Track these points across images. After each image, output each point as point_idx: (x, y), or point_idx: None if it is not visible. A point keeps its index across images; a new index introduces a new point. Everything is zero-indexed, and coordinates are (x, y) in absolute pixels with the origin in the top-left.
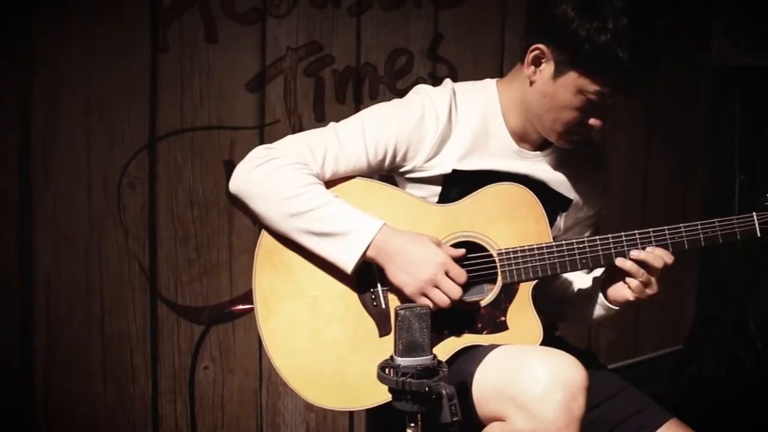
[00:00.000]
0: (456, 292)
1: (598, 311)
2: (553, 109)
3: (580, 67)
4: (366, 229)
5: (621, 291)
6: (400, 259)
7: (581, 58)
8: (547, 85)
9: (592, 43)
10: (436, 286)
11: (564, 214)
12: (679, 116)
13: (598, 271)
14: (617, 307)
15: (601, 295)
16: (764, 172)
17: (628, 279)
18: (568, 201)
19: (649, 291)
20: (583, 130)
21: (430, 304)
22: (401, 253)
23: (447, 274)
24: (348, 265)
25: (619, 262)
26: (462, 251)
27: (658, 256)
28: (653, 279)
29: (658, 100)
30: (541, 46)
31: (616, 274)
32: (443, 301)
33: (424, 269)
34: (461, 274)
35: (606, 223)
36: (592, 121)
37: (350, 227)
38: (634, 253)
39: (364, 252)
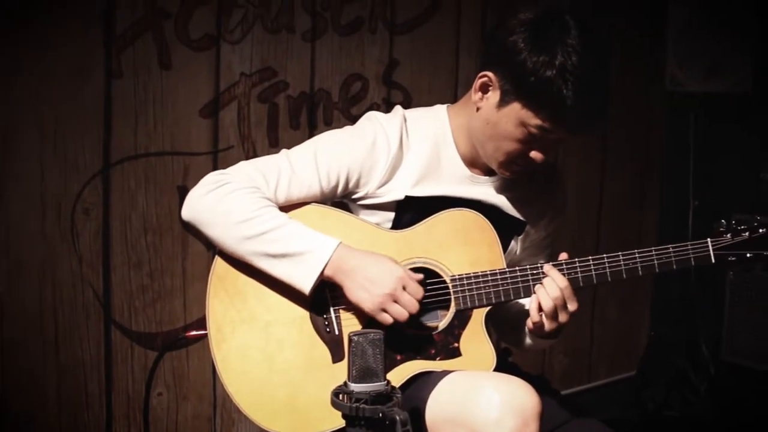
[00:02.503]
0: (414, 306)
1: (526, 340)
2: (494, 138)
3: (523, 99)
4: (322, 248)
5: (538, 327)
6: (358, 275)
7: (525, 91)
8: (491, 114)
9: (537, 77)
10: (395, 301)
11: (519, 237)
12: (633, 141)
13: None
14: (537, 337)
15: (525, 324)
16: (718, 197)
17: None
18: (523, 224)
19: (559, 319)
20: (524, 161)
21: (390, 319)
22: (359, 270)
23: (405, 288)
24: (306, 285)
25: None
26: (420, 276)
27: (552, 288)
28: (557, 309)
29: (612, 126)
30: (489, 73)
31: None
32: (402, 315)
33: (382, 284)
34: (419, 289)
35: (560, 249)
36: (534, 153)
37: (306, 247)
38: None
39: (322, 271)
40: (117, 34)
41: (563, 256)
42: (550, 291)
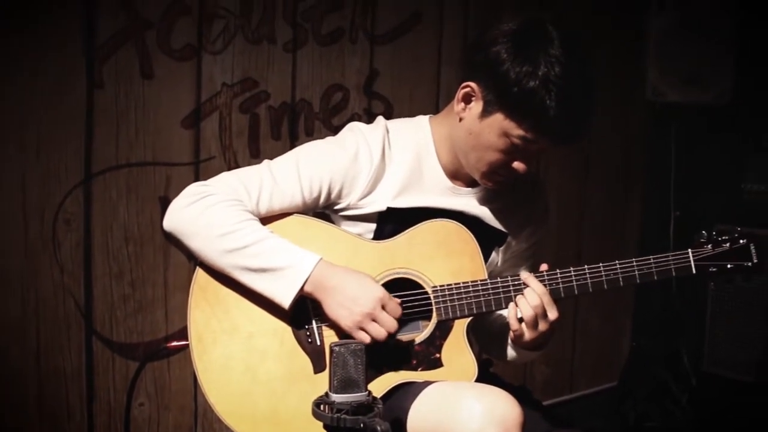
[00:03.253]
0: (392, 325)
1: (510, 352)
2: (477, 148)
3: (506, 109)
4: (303, 264)
5: (518, 337)
6: (337, 293)
7: (508, 101)
8: (474, 124)
9: (520, 88)
10: (373, 320)
11: (500, 248)
12: (615, 152)
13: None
14: (521, 347)
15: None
16: (700, 208)
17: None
18: (504, 235)
19: (540, 328)
20: (506, 172)
21: (367, 338)
22: (338, 288)
23: (383, 308)
24: (285, 300)
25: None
26: (398, 301)
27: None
28: (537, 318)
29: (593, 136)
30: (472, 84)
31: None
32: (380, 334)
33: (361, 303)
34: (397, 309)
35: (542, 260)
36: (516, 164)
37: (287, 262)
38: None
39: (302, 287)
40: (98, 44)
41: (543, 267)
42: (530, 300)
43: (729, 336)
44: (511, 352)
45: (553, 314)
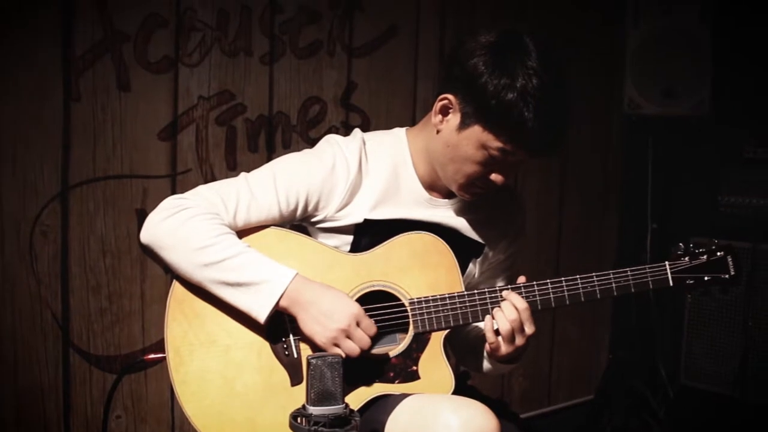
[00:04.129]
0: (366, 342)
1: (486, 365)
2: (455, 160)
3: (484, 121)
4: (279, 279)
5: (495, 350)
6: (313, 309)
7: (486, 114)
8: (452, 136)
9: (499, 100)
10: (348, 337)
11: (477, 260)
12: (592, 165)
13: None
14: (496, 360)
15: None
16: (677, 221)
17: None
18: (481, 246)
19: (516, 342)
20: (484, 184)
21: (341, 354)
22: (313, 303)
23: (358, 324)
24: (260, 315)
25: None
26: (372, 320)
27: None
28: (514, 332)
29: (571, 148)
30: (449, 96)
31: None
32: (354, 351)
33: (336, 319)
34: (372, 326)
35: (520, 272)
36: (494, 176)
37: (263, 277)
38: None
39: (277, 302)
40: (76, 56)
41: (521, 279)
42: (507, 313)
43: (706, 349)
44: (486, 365)
45: (530, 329)
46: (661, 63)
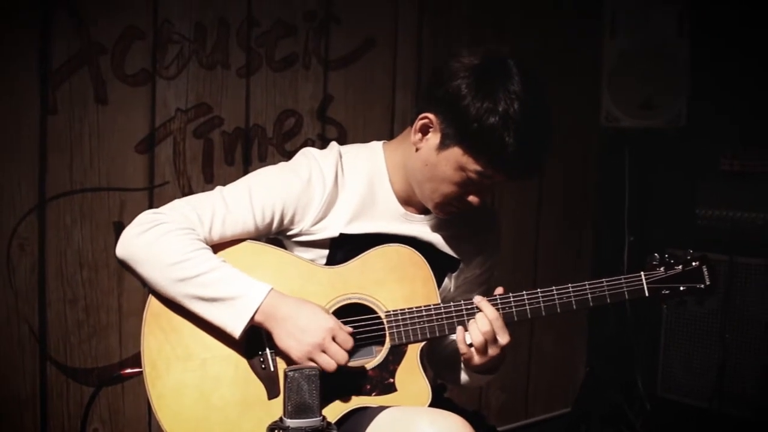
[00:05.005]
0: (342, 356)
1: (463, 376)
2: (432, 180)
3: (464, 144)
4: (253, 294)
5: (469, 361)
6: (288, 323)
7: (467, 136)
8: (431, 155)
9: (480, 123)
10: (324, 351)
11: (453, 274)
12: (569, 177)
13: None
14: (473, 372)
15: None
16: (654, 233)
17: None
18: (457, 261)
19: (490, 353)
20: (460, 203)
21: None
22: (289, 318)
23: (334, 339)
24: (235, 330)
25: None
26: (349, 329)
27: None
28: (487, 343)
29: (548, 161)
30: (430, 115)
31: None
32: (330, 365)
33: (312, 334)
34: (348, 340)
35: (496, 283)
36: (471, 197)
37: (238, 292)
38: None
39: (252, 317)
40: (52, 69)
41: (498, 290)
42: (480, 324)
43: (683, 361)
44: (464, 376)
45: (504, 339)
46: (638, 76)
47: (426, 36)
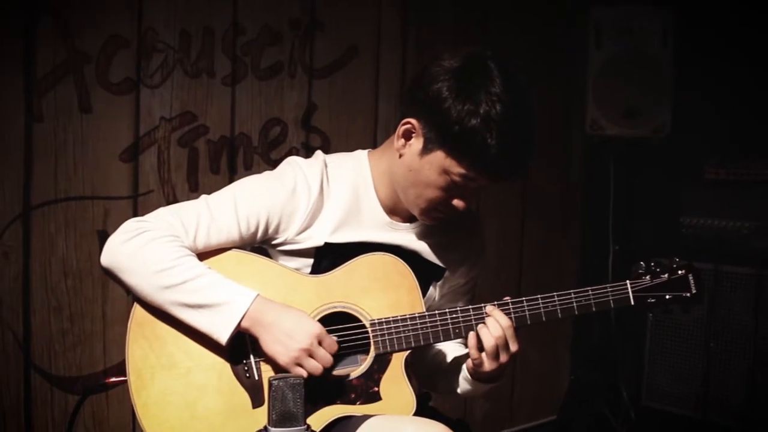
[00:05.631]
0: (328, 360)
1: (464, 385)
2: (416, 185)
3: (447, 147)
4: (240, 300)
5: (478, 365)
6: (274, 329)
7: (449, 139)
8: (414, 161)
9: (462, 126)
10: (311, 356)
11: (438, 283)
12: (553, 185)
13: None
14: (477, 380)
15: (464, 367)
16: (638, 242)
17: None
18: (442, 270)
19: (500, 359)
20: (446, 208)
21: (304, 374)
22: (275, 324)
23: (320, 344)
24: (222, 336)
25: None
26: (334, 338)
27: (495, 327)
28: (499, 349)
29: (533, 169)
30: (412, 120)
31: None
32: (316, 370)
33: (298, 339)
34: (334, 345)
35: (481, 292)
36: (456, 201)
37: (224, 298)
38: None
39: (239, 323)
40: (37, 77)
41: (507, 298)
42: (493, 330)
43: (667, 370)
44: (464, 385)
45: (514, 346)
46: (622, 84)
47: (410, 45)
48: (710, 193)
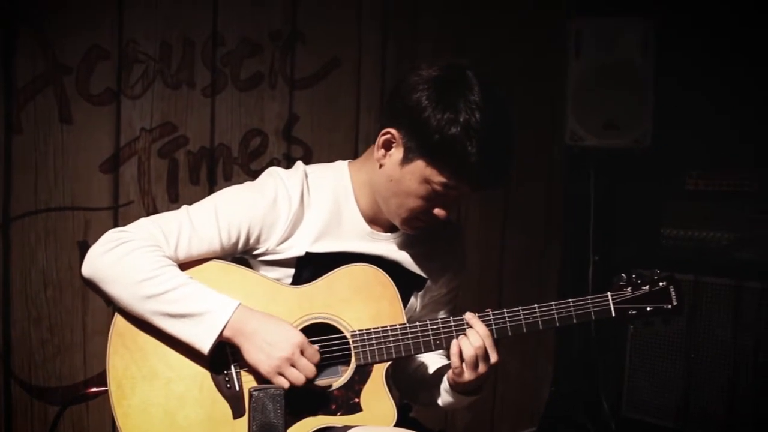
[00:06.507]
0: (311, 370)
1: (445, 396)
2: (397, 195)
3: (427, 156)
4: (222, 309)
5: (458, 376)
6: (256, 338)
7: (429, 148)
8: (395, 170)
9: (442, 134)
10: (292, 365)
11: (419, 293)
12: (534, 197)
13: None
14: (457, 392)
15: (444, 379)
16: (619, 253)
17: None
18: (423, 280)
19: (479, 370)
20: (427, 217)
21: (286, 383)
22: (257, 333)
23: (302, 353)
24: (205, 345)
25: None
26: (316, 347)
27: (474, 337)
28: (478, 359)
29: (513, 181)
30: (392, 130)
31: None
32: (298, 379)
33: (280, 348)
34: (316, 354)
35: (462, 303)
36: (437, 210)
37: (206, 308)
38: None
39: (221, 332)
40: (17, 88)
41: (487, 310)
42: (472, 340)
43: (648, 381)
44: (445, 397)
45: (494, 357)
46: (602, 95)
47: (390, 56)
48: (690, 204)
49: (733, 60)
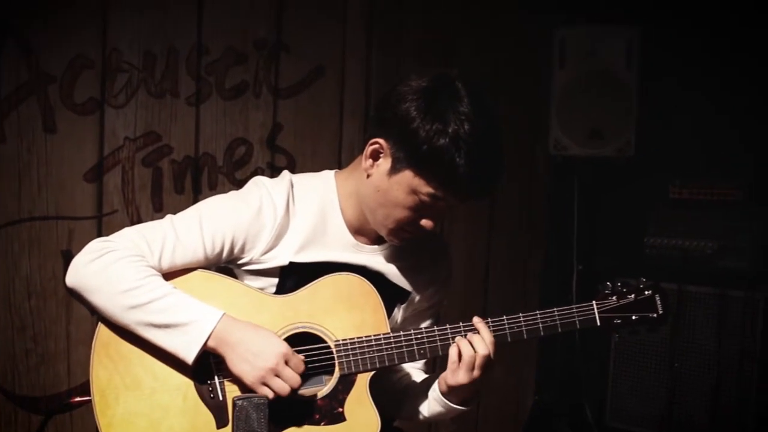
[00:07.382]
0: (296, 380)
1: (433, 406)
2: (385, 205)
3: (415, 167)
4: (206, 319)
5: (453, 376)
6: (241, 348)
7: (418, 159)
8: (382, 181)
9: (430, 145)
10: (277, 375)
11: (402, 305)
12: (518, 205)
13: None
14: (449, 400)
15: (435, 386)
16: (603, 262)
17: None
18: (406, 293)
19: (474, 373)
20: (413, 228)
21: (270, 393)
22: (242, 343)
23: (286, 363)
24: (189, 356)
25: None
26: (301, 357)
27: (480, 345)
28: (476, 362)
29: (498, 190)
30: (380, 140)
31: (448, 364)
32: (283, 389)
33: (264, 358)
34: (300, 364)
35: (446, 312)
36: (424, 221)
37: (190, 318)
38: (458, 339)
39: (205, 342)
40: (1, 98)
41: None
42: (477, 345)
43: (632, 390)
44: (433, 406)
45: (491, 363)
46: (586, 105)
47: (375, 66)
48: (674, 213)
49: (717, 69)
